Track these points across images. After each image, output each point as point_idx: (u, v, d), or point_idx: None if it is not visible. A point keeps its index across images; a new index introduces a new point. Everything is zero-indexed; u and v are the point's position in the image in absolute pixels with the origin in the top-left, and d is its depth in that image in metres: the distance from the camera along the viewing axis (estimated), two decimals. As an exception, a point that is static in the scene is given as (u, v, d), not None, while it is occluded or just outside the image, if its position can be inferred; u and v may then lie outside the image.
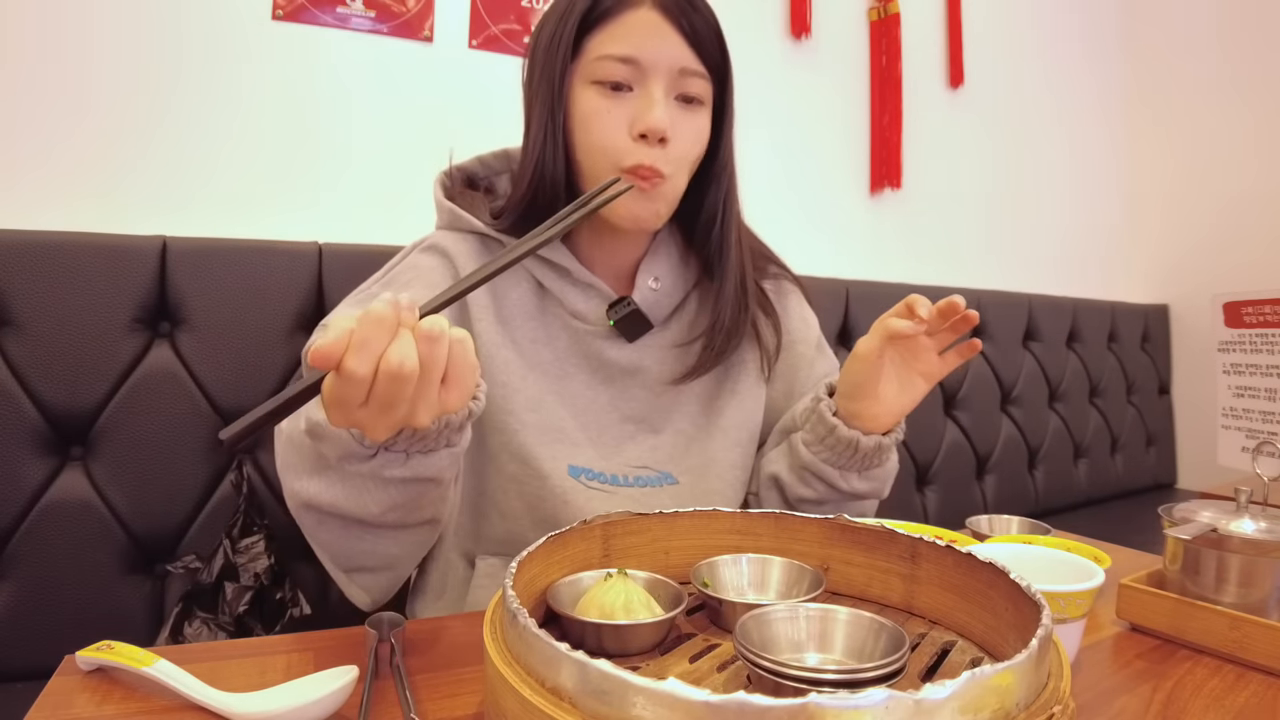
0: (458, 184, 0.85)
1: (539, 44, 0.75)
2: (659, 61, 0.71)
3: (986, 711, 0.32)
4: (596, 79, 0.71)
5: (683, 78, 0.72)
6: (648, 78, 0.71)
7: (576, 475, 0.76)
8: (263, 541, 0.96)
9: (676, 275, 0.83)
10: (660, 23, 0.71)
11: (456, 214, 0.79)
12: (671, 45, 0.71)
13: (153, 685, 0.48)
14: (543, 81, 0.73)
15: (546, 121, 0.73)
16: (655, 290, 0.80)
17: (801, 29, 1.73)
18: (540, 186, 0.74)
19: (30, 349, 0.93)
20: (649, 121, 0.70)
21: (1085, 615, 0.55)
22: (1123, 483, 2.18)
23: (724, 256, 0.81)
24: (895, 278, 1.73)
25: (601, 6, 0.71)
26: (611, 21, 0.71)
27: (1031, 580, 0.43)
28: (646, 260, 0.81)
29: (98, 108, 1.10)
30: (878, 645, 0.43)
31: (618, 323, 0.78)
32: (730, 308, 0.80)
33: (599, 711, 0.33)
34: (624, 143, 0.71)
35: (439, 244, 0.79)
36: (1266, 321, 1.07)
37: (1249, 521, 0.62)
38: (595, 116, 0.71)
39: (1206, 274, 2.26)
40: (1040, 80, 2.20)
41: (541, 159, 0.73)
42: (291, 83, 1.23)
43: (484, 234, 0.79)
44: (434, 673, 0.52)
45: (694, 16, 0.72)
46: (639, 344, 0.81)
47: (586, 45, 0.72)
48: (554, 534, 0.52)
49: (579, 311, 0.79)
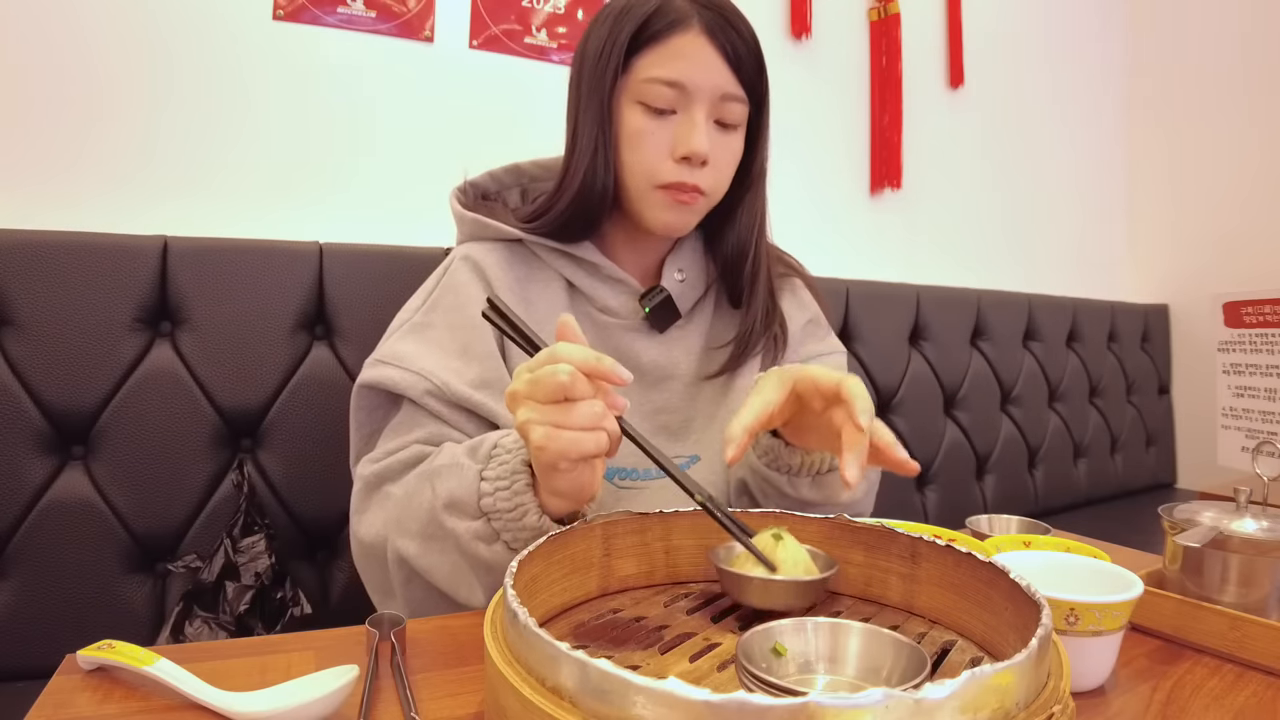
0: (471, 198, 0.87)
1: (586, 57, 0.78)
2: (702, 87, 0.74)
3: (986, 711, 0.32)
4: (642, 99, 0.74)
5: (723, 102, 0.75)
6: (691, 102, 0.74)
7: (610, 477, 0.79)
8: (263, 541, 0.96)
9: (699, 269, 0.86)
10: (706, 46, 0.73)
11: (482, 222, 0.82)
12: (715, 70, 0.74)
13: (154, 684, 0.48)
14: (592, 96, 0.76)
15: (596, 136, 0.76)
16: (681, 282, 0.84)
17: (801, 29, 1.73)
18: (588, 197, 0.77)
19: (31, 349, 0.93)
20: (692, 146, 0.73)
21: (1123, 628, 0.52)
22: (1122, 483, 2.19)
23: (755, 278, 0.84)
24: (895, 278, 1.73)
25: (651, 29, 0.73)
26: (660, 43, 0.74)
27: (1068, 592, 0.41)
28: (672, 255, 0.85)
29: (98, 107, 1.11)
30: (896, 665, 0.40)
31: (651, 311, 0.82)
32: (759, 321, 0.85)
33: (599, 711, 0.33)
34: (665, 163, 0.75)
35: (469, 256, 0.81)
36: (1266, 321, 1.07)
37: (1249, 521, 0.62)
38: (640, 137, 0.75)
39: (1206, 274, 2.26)
40: (1040, 80, 2.20)
41: (592, 171, 0.76)
42: (292, 83, 1.23)
43: (512, 239, 0.81)
44: (435, 672, 0.53)
45: (738, 41, 0.75)
46: (666, 340, 0.84)
47: (634, 64, 0.75)
48: (554, 534, 0.52)
49: (609, 307, 0.82)
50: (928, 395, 1.71)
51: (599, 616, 0.53)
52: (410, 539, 0.64)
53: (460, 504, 0.60)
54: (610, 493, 0.79)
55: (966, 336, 1.82)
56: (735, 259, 0.84)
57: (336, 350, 1.09)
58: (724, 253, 0.84)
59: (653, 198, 0.76)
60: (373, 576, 0.73)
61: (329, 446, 1.06)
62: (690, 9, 0.73)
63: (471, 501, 0.59)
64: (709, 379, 0.84)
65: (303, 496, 1.05)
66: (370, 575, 0.74)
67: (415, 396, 0.73)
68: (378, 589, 0.74)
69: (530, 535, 0.58)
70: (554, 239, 0.80)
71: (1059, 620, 0.50)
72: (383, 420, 0.77)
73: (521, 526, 0.58)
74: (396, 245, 1.15)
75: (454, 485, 0.60)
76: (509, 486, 0.58)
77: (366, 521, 0.71)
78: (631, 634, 0.51)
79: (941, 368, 1.74)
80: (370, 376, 0.75)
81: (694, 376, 0.84)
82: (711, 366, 0.84)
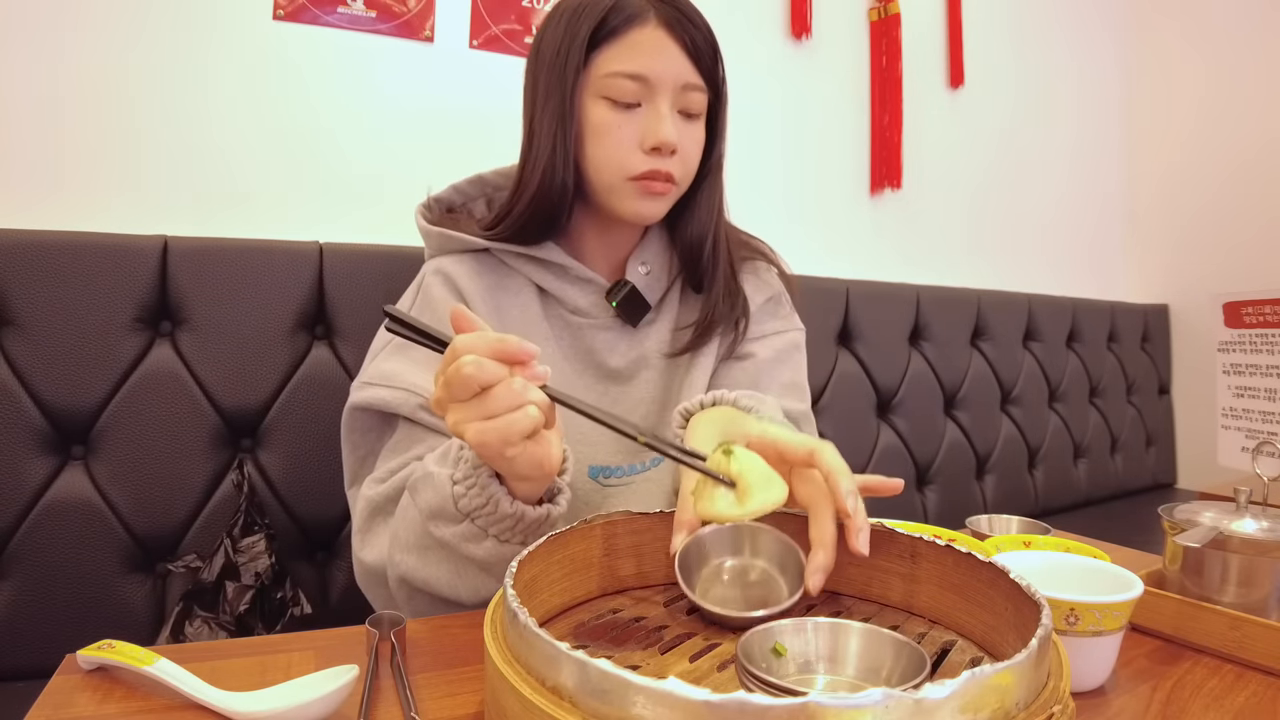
0: (436, 213, 0.88)
1: (542, 54, 0.78)
2: (664, 78, 0.75)
3: (986, 711, 0.32)
4: (606, 94, 0.75)
5: (685, 92, 0.77)
6: (655, 94, 0.75)
7: (595, 475, 0.80)
8: (263, 541, 0.96)
9: (663, 263, 0.87)
10: (665, 39, 0.75)
11: (447, 235, 0.82)
12: (676, 62, 0.75)
13: (154, 684, 0.48)
14: (551, 93, 0.76)
15: (555, 132, 0.76)
16: (646, 275, 0.85)
17: (801, 29, 1.73)
18: (548, 194, 0.77)
19: (32, 348, 0.93)
20: (660, 136, 0.75)
21: (1123, 628, 0.52)
22: (1122, 483, 2.19)
23: (715, 263, 0.85)
24: (895, 278, 1.73)
25: (609, 24, 0.74)
26: (619, 38, 0.75)
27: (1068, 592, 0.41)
28: (637, 250, 0.86)
29: (99, 107, 1.10)
30: (896, 665, 0.41)
31: (619, 304, 0.83)
32: (720, 302, 0.86)
33: (599, 710, 0.33)
34: (634, 155, 0.76)
35: (440, 270, 0.81)
36: (1266, 321, 1.07)
37: (1249, 521, 0.62)
38: (606, 131, 0.75)
39: (1206, 274, 2.26)
40: (1040, 80, 2.20)
41: (551, 168, 0.76)
42: (292, 82, 1.23)
43: (479, 249, 0.82)
44: (435, 671, 0.53)
45: (695, 32, 0.76)
46: (639, 333, 0.85)
47: (594, 60, 0.75)
48: (554, 533, 0.52)
49: (580, 307, 0.83)
50: (928, 395, 1.71)
51: (599, 616, 0.53)
52: (408, 553, 0.64)
53: (441, 511, 0.60)
54: (596, 491, 0.80)
55: (966, 336, 1.82)
56: (695, 245, 0.85)
57: (336, 350, 1.09)
58: (685, 239, 0.85)
59: (625, 189, 0.77)
60: (377, 596, 0.73)
61: (329, 446, 1.06)
62: (645, 4, 0.75)
63: (449, 507, 0.59)
64: (671, 357, 0.85)
65: (303, 496, 1.05)
66: (375, 596, 0.74)
67: (408, 413, 0.73)
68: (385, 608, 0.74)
69: (512, 524, 0.58)
70: (516, 243, 0.80)
71: (1059, 620, 0.50)
72: (376, 442, 0.77)
73: (500, 517, 0.58)
74: (396, 245, 1.15)
75: (430, 495, 0.61)
76: (476, 482, 0.58)
77: (370, 544, 0.71)
78: (631, 634, 0.51)
79: (941, 368, 1.74)
80: (361, 399, 0.75)
81: (666, 365, 0.86)
82: (676, 346, 0.85)
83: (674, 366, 0.87)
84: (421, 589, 0.65)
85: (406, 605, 0.68)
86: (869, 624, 0.43)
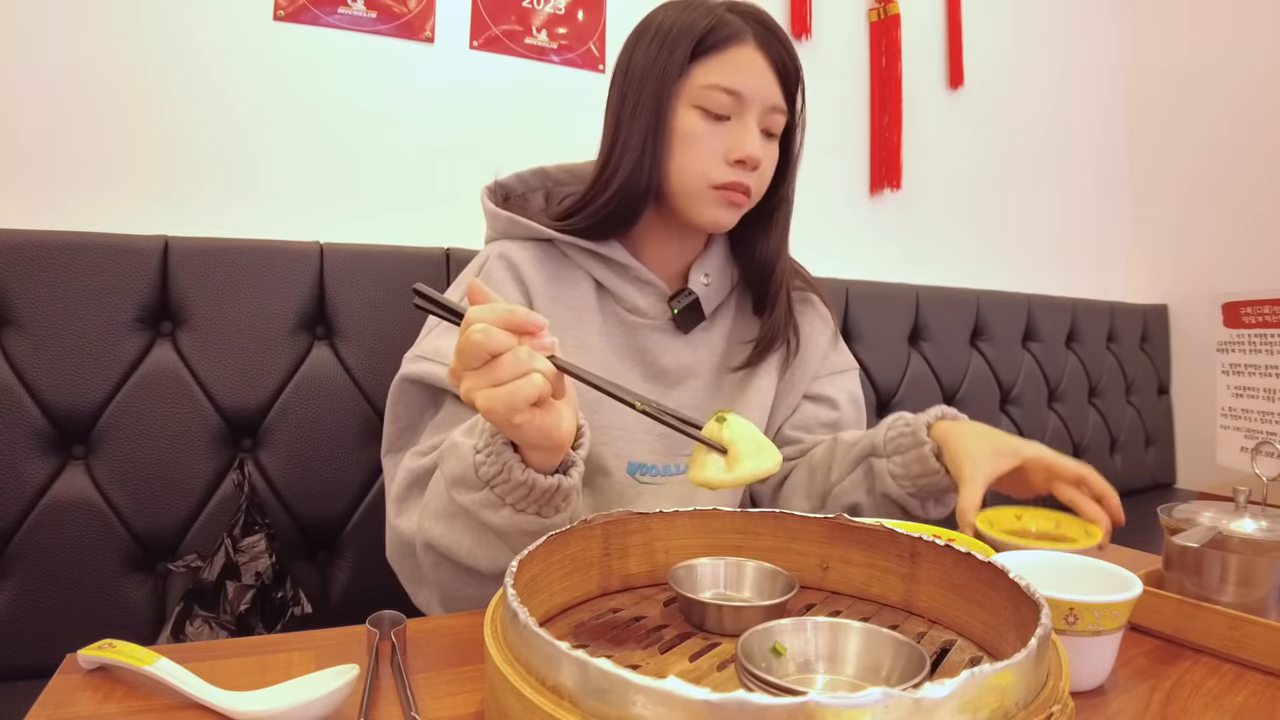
0: (499, 197, 0.90)
1: (636, 60, 0.82)
2: (756, 96, 0.80)
3: (985, 711, 0.32)
4: (701, 104, 0.79)
5: (770, 113, 0.81)
6: (746, 109, 0.80)
7: (633, 472, 0.83)
8: (264, 541, 0.96)
9: (724, 274, 0.91)
10: (760, 60, 0.80)
11: (515, 221, 0.85)
12: (767, 82, 0.80)
13: (154, 684, 0.48)
14: (646, 99, 0.80)
15: (646, 138, 0.80)
16: (706, 286, 0.89)
17: (801, 29, 1.73)
18: (630, 193, 0.81)
19: (32, 348, 0.93)
20: (747, 150, 0.79)
21: (1122, 628, 0.52)
22: (1122, 482, 2.18)
23: (780, 286, 0.91)
24: (895, 278, 1.73)
25: (710, 40, 0.79)
26: (719, 53, 0.79)
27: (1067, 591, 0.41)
28: (699, 261, 0.90)
29: (99, 107, 1.10)
30: (895, 665, 0.41)
31: (679, 313, 0.86)
32: (780, 325, 0.91)
33: (599, 710, 0.33)
34: (719, 165, 0.80)
35: (504, 254, 0.84)
36: (1266, 321, 1.07)
37: (1248, 521, 0.62)
38: (696, 139, 0.80)
39: (1206, 274, 2.26)
40: (1040, 80, 2.20)
41: (639, 169, 0.80)
42: (293, 83, 1.23)
43: (543, 239, 0.85)
44: (435, 671, 0.53)
45: (786, 57, 0.82)
46: (690, 340, 0.89)
47: (692, 71, 0.80)
48: (554, 533, 0.52)
49: (637, 307, 0.86)
50: (927, 395, 1.71)
51: (599, 616, 0.53)
52: (436, 520, 0.66)
53: (463, 478, 0.61)
54: (631, 487, 0.83)
55: (966, 336, 1.82)
56: (767, 266, 0.90)
57: (337, 350, 1.09)
58: (754, 261, 0.90)
59: (707, 196, 0.80)
60: (406, 567, 0.75)
61: (330, 446, 1.06)
62: (744, 25, 0.80)
63: (471, 474, 0.60)
64: (733, 371, 0.90)
65: (303, 496, 1.05)
66: (403, 566, 0.75)
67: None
68: (410, 579, 0.75)
69: (525, 492, 0.59)
70: (585, 238, 0.83)
71: (1058, 620, 0.50)
72: (419, 415, 0.79)
73: (514, 485, 0.59)
74: (397, 245, 1.15)
75: (454, 463, 0.62)
76: (493, 450, 0.59)
77: (405, 513, 0.73)
78: (631, 634, 0.51)
79: (941, 368, 1.74)
80: (412, 371, 0.77)
81: (715, 374, 0.89)
82: (735, 360, 0.89)
83: (724, 379, 0.90)
84: (444, 555, 0.66)
85: (432, 572, 0.69)
86: (868, 623, 0.43)
